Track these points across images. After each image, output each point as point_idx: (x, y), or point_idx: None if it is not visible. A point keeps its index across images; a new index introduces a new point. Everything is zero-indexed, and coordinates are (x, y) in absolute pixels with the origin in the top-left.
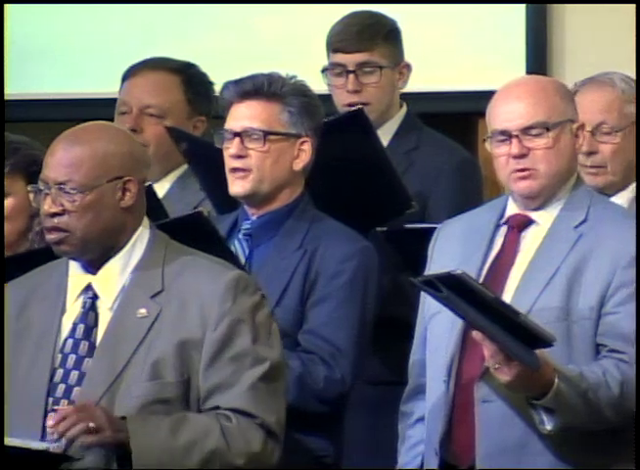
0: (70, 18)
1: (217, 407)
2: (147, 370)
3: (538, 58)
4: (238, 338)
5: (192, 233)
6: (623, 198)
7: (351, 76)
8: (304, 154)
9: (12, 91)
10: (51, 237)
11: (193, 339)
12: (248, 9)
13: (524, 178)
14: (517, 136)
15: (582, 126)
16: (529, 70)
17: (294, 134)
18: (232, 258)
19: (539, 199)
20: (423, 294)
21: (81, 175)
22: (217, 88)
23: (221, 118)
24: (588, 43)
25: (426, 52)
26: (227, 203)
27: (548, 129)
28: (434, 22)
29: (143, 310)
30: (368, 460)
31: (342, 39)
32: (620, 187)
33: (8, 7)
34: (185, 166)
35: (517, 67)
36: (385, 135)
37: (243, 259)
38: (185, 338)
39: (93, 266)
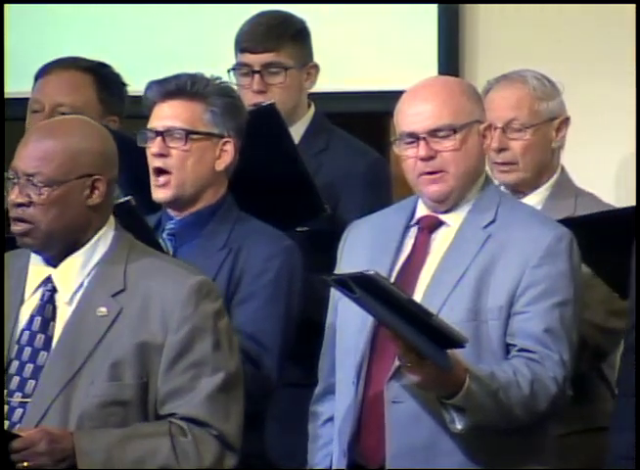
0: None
1: (174, 414)
2: (106, 370)
3: (450, 58)
4: (198, 344)
5: (121, 223)
6: (537, 197)
7: (257, 77)
8: (227, 154)
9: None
10: (16, 228)
11: (153, 342)
12: (158, 9)
13: (433, 182)
14: (424, 138)
15: (490, 127)
16: (441, 71)
17: (216, 134)
18: (160, 250)
19: (448, 201)
20: (333, 295)
21: (51, 169)
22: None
23: (132, 118)
24: (500, 43)
25: (336, 52)
26: (150, 202)
27: (455, 131)
28: (345, 21)
29: (103, 309)
30: (279, 460)
31: (248, 39)
32: (533, 184)
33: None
34: None
35: (429, 67)
36: (293, 136)
37: None
38: (145, 340)
39: (54, 260)
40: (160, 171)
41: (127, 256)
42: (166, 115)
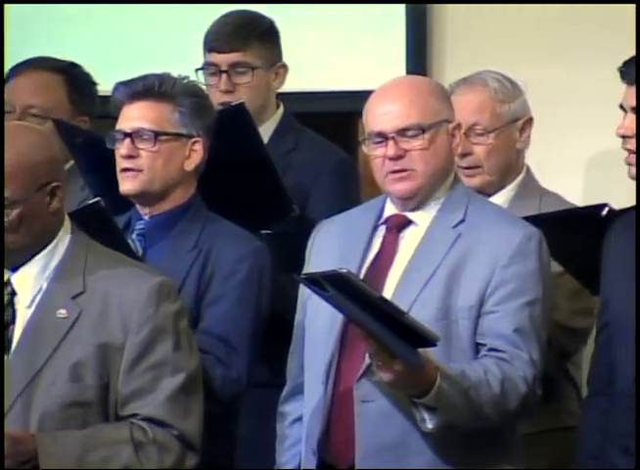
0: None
1: (135, 415)
2: (67, 371)
3: (418, 58)
4: (159, 345)
5: (90, 225)
6: (502, 197)
7: (224, 76)
8: (196, 154)
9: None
10: None
11: (114, 343)
12: (128, 9)
13: (401, 180)
14: (393, 138)
15: (459, 126)
16: (409, 70)
17: (185, 134)
18: (129, 251)
19: (416, 199)
20: (301, 294)
21: (10, 192)
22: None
23: (103, 118)
24: (468, 43)
25: (305, 51)
26: (118, 203)
27: (423, 131)
28: (313, 21)
29: (63, 311)
30: (249, 461)
31: (215, 39)
32: (498, 186)
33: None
34: (71, 163)
35: (397, 67)
36: (262, 136)
37: None
38: (106, 341)
39: (14, 264)
40: (129, 169)
41: (85, 258)
42: (135, 116)
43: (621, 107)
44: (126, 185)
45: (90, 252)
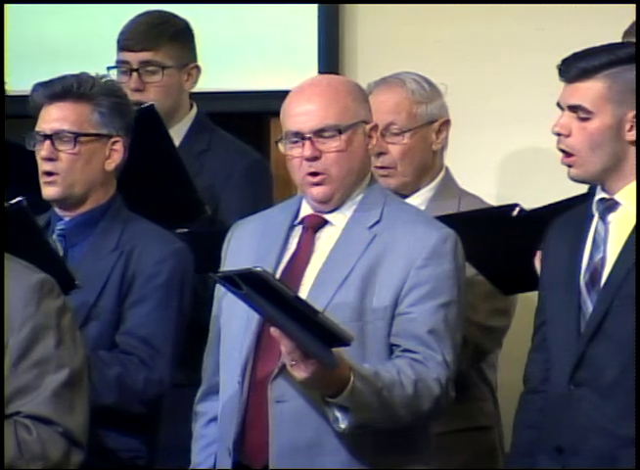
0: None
1: (18, 413)
2: None
3: (330, 58)
4: (42, 342)
5: (12, 226)
6: (420, 198)
7: (134, 75)
8: (116, 154)
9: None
10: None
11: None
12: (43, 8)
13: (316, 184)
14: (309, 138)
15: (376, 127)
16: (321, 70)
17: (105, 134)
18: (51, 252)
19: (332, 202)
20: (217, 294)
21: None
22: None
23: (18, 118)
24: (380, 43)
25: (217, 51)
26: (39, 205)
27: (340, 132)
28: (226, 21)
29: None
30: (163, 462)
31: (128, 37)
32: (414, 187)
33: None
34: None
35: (309, 66)
36: (175, 137)
37: None
38: None
39: None
40: (49, 174)
41: None
42: (54, 117)
43: (558, 105)
44: (48, 191)
45: None
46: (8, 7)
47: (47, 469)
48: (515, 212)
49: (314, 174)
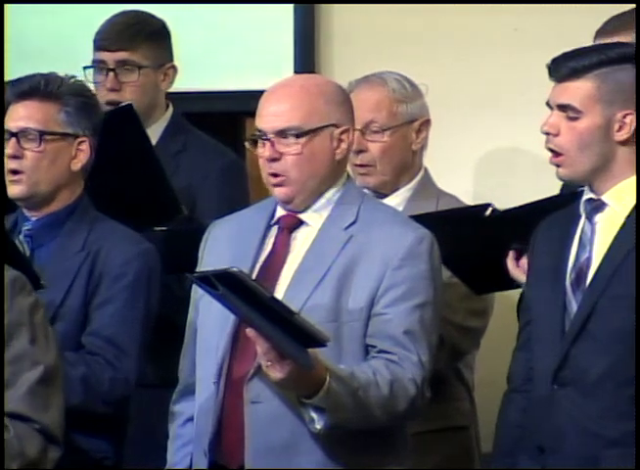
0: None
1: None
2: None
3: (306, 58)
4: (15, 340)
5: None
6: (398, 198)
7: (111, 74)
8: (82, 154)
9: None
10: None
11: None
12: (20, 8)
13: (276, 185)
14: (270, 139)
15: (348, 130)
16: (297, 70)
17: (71, 134)
18: (16, 252)
19: (295, 204)
20: (193, 295)
21: None
22: None
23: None
24: (356, 43)
25: (194, 51)
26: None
27: (301, 134)
28: (202, 21)
29: None
30: (139, 462)
31: (104, 37)
32: (393, 186)
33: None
34: None
35: (285, 67)
36: (151, 136)
37: None
38: None
39: None
40: (15, 172)
41: None
42: (20, 115)
43: (547, 104)
44: (13, 189)
45: None
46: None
47: (24, 467)
48: (488, 212)
49: (275, 175)
